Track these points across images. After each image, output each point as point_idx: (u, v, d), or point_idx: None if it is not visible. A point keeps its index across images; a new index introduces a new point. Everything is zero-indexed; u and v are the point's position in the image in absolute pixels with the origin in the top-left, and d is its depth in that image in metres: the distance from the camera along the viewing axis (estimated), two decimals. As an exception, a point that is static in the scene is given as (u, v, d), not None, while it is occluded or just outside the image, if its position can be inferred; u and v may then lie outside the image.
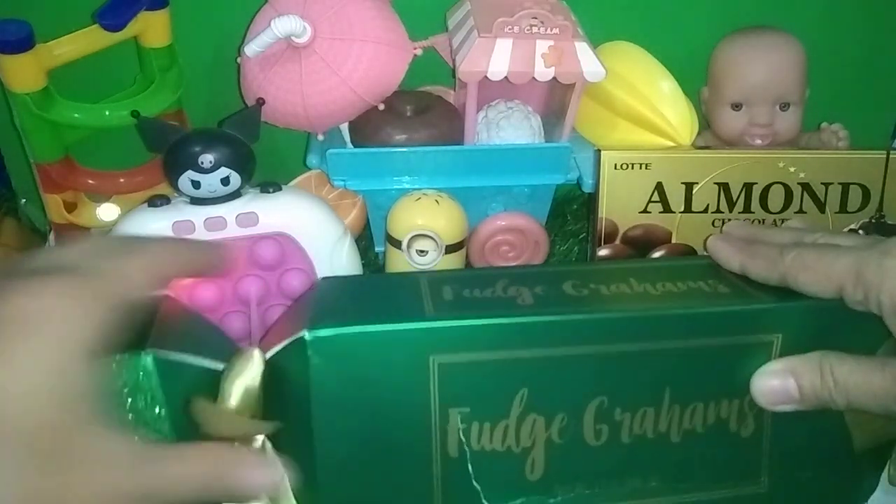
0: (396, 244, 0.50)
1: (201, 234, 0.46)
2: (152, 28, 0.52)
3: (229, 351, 0.34)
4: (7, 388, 0.22)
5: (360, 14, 0.51)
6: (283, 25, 0.48)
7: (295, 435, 0.33)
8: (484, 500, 0.34)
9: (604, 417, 0.35)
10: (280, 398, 0.33)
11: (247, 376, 0.33)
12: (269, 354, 0.33)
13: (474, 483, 0.34)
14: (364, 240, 0.58)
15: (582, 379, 0.34)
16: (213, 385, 0.32)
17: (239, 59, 0.54)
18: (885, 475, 0.38)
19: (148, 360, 0.29)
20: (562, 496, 0.35)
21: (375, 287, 0.40)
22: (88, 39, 0.50)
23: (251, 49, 0.50)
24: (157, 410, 0.30)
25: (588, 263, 0.56)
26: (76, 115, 0.51)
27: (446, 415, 0.33)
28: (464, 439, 0.34)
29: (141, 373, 0.29)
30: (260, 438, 0.33)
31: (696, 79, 0.60)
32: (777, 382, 0.34)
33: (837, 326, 0.35)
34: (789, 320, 0.35)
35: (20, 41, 0.46)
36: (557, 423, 0.34)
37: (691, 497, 0.36)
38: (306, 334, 0.31)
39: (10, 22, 0.47)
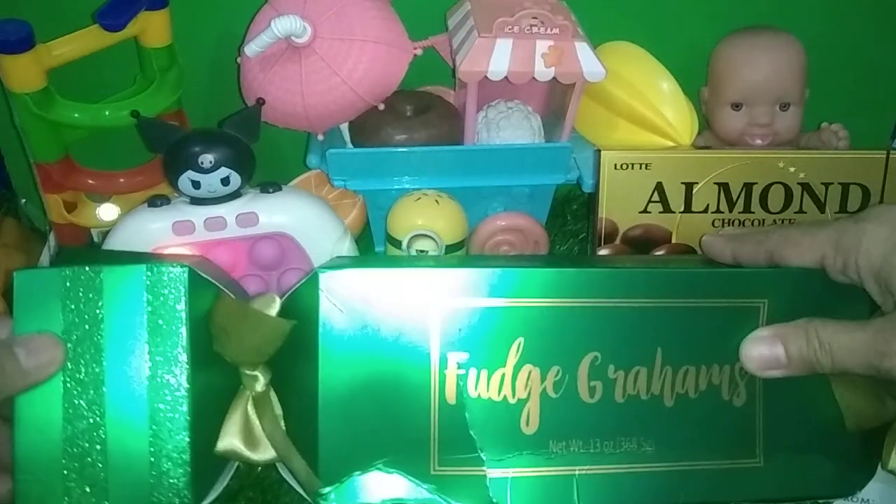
0: (396, 244, 0.50)
1: (201, 233, 0.46)
2: (152, 28, 0.52)
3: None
4: None
5: (360, 14, 0.51)
6: (283, 25, 0.48)
7: (301, 372, 0.35)
8: (479, 450, 0.35)
9: (598, 374, 0.36)
10: (287, 341, 0.35)
11: (267, 309, 0.36)
12: (285, 297, 0.36)
13: (470, 432, 0.35)
14: (364, 240, 0.58)
15: (576, 332, 0.35)
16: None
17: (239, 59, 0.54)
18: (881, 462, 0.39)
19: (184, 271, 0.33)
20: (556, 452, 0.36)
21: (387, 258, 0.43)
22: (88, 39, 0.50)
23: (251, 49, 0.50)
24: (180, 319, 0.33)
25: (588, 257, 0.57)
26: (76, 115, 0.51)
27: (445, 359, 0.34)
28: (461, 386, 0.35)
29: (172, 283, 0.33)
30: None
31: (696, 79, 0.60)
32: (765, 349, 0.35)
33: (823, 295, 0.37)
34: (775, 286, 0.37)
35: (20, 41, 0.46)
36: (552, 375, 0.35)
37: (686, 465, 0.37)
38: (319, 272, 0.34)
39: (10, 22, 0.47)
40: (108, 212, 0.55)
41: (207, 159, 0.44)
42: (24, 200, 0.61)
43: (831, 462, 0.38)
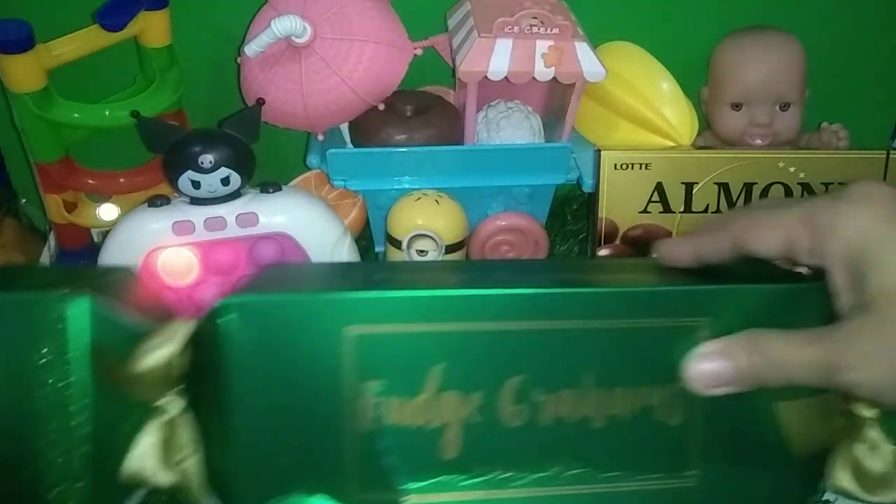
0: (396, 244, 0.50)
1: (201, 233, 0.46)
2: (152, 28, 0.52)
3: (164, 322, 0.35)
4: None
5: (360, 14, 0.51)
6: (283, 25, 0.48)
7: (212, 405, 0.33)
8: (396, 478, 0.34)
9: (522, 397, 0.34)
10: (199, 367, 0.34)
11: (163, 345, 0.34)
12: (192, 325, 0.34)
13: (387, 459, 0.34)
14: (364, 240, 0.58)
15: (499, 356, 0.34)
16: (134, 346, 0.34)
17: (239, 59, 0.54)
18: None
19: (85, 301, 0.31)
20: (478, 478, 0.35)
21: (312, 269, 0.41)
22: (88, 39, 0.50)
23: (251, 49, 0.50)
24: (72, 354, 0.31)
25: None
26: (76, 115, 0.51)
27: (361, 388, 0.33)
28: (378, 414, 0.33)
29: (73, 313, 0.31)
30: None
31: (696, 79, 0.60)
32: (710, 366, 0.32)
33: (773, 311, 0.34)
34: (719, 303, 0.34)
35: (20, 41, 0.46)
36: (474, 400, 0.34)
37: (615, 487, 0.36)
38: (226, 301, 0.31)
39: (10, 22, 0.47)
40: (108, 212, 0.55)
41: (207, 159, 0.44)
42: (24, 200, 0.61)
43: (773, 479, 0.37)
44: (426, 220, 0.50)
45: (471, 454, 0.35)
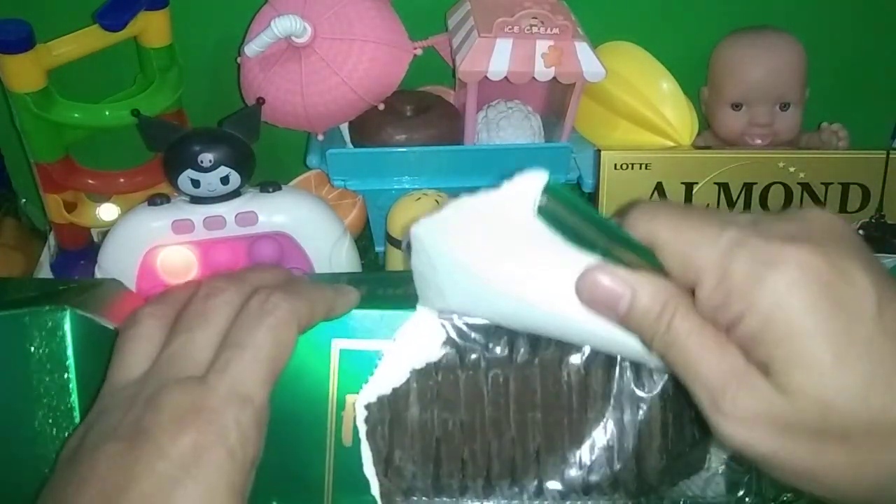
0: (396, 244, 0.50)
1: (200, 232, 0.46)
2: (152, 28, 0.52)
3: None
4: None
5: (360, 14, 0.51)
6: (283, 25, 0.48)
7: None
8: (373, 492, 0.34)
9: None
10: None
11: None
12: None
13: (365, 473, 0.34)
14: (364, 240, 0.58)
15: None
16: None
17: (239, 59, 0.54)
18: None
19: (64, 315, 0.31)
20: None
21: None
22: (88, 39, 0.50)
23: (251, 49, 0.50)
24: (65, 374, 0.31)
25: None
26: (76, 115, 0.51)
27: (343, 401, 0.34)
28: (359, 428, 0.34)
29: (55, 328, 0.31)
30: None
31: (696, 79, 0.60)
32: (613, 286, 0.27)
33: None
34: None
35: (20, 41, 0.46)
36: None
37: None
38: None
39: (10, 22, 0.47)
40: (108, 212, 0.55)
41: (207, 158, 0.44)
42: (24, 200, 0.61)
43: None
44: (426, 220, 0.49)
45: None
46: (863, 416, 0.23)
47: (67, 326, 0.31)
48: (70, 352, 0.31)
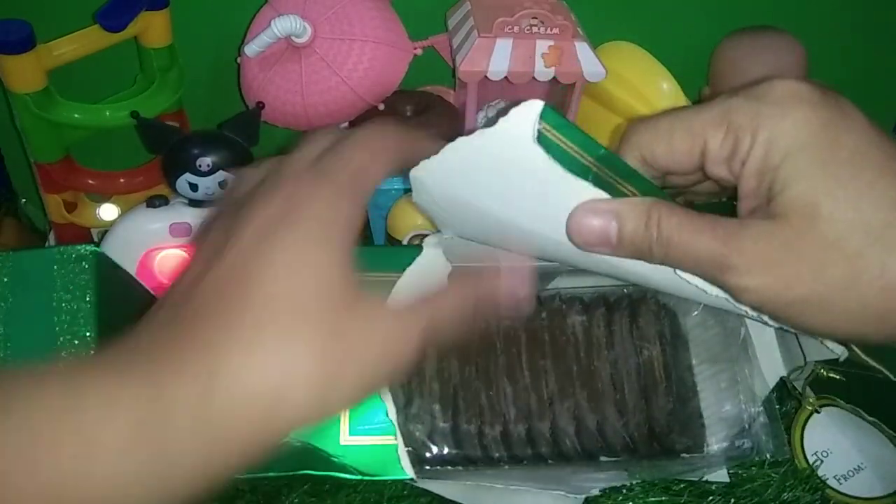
0: (396, 244, 0.50)
1: (201, 234, 0.46)
2: (152, 28, 0.52)
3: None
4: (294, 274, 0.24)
5: (360, 14, 0.51)
6: (283, 25, 0.48)
7: None
8: (389, 419, 0.37)
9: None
10: None
11: None
12: None
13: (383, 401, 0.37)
14: (364, 240, 0.58)
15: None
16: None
17: (239, 59, 0.54)
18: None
19: (94, 253, 0.35)
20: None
21: None
22: (88, 39, 0.50)
23: (251, 49, 0.50)
24: (86, 300, 0.34)
25: None
26: (76, 115, 0.51)
27: None
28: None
29: (80, 264, 0.35)
30: None
31: (696, 79, 0.60)
32: (598, 222, 0.29)
33: None
34: None
35: (20, 41, 0.46)
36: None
37: None
38: None
39: (10, 22, 0.47)
40: (108, 212, 0.55)
41: (205, 162, 0.44)
42: (24, 200, 0.61)
43: None
44: (426, 220, 0.49)
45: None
46: (851, 217, 0.25)
47: (91, 259, 0.35)
48: (91, 277, 0.35)
